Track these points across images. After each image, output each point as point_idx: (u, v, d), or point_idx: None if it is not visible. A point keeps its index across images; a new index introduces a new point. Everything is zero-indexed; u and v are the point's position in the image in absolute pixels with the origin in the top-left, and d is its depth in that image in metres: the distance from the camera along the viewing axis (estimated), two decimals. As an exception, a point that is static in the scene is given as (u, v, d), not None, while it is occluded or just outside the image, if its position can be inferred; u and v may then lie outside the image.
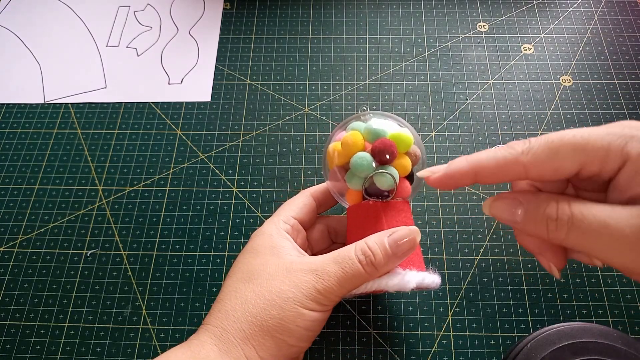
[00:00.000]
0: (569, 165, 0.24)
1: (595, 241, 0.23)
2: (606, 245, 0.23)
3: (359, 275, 0.30)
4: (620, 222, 0.22)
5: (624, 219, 0.22)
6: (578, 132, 0.24)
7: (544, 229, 0.25)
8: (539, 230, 0.25)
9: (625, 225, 0.22)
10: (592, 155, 0.24)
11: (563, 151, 0.24)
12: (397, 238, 0.31)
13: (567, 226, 0.24)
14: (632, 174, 0.23)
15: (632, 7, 0.56)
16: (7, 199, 0.47)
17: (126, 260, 0.44)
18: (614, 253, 0.23)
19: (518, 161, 0.25)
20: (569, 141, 0.24)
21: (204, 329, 0.31)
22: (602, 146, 0.23)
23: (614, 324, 0.39)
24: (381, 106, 0.51)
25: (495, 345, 0.39)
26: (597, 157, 0.23)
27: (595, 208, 0.23)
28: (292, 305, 0.30)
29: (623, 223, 0.22)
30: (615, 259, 0.23)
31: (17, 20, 0.59)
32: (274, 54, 0.55)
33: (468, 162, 0.27)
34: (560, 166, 0.24)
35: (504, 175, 0.26)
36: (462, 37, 0.55)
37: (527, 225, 0.26)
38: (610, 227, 0.22)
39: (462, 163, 0.27)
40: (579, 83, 0.51)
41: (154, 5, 0.59)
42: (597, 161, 0.24)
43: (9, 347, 0.41)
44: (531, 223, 0.25)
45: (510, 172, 0.26)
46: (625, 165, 0.23)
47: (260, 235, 0.34)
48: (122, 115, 0.52)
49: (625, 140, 0.23)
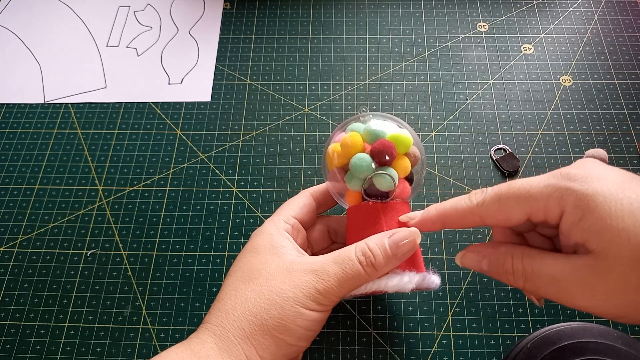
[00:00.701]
0: (515, 214, 0.27)
1: (547, 290, 0.26)
2: (557, 294, 0.26)
3: (359, 276, 0.30)
4: (565, 276, 0.25)
5: (567, 273, 0.25)
6: (522, 185, 0.27)
7: (505, 279, 0.28)
8: (502, 279, 0.29)
9: (569, 278, 0.25)
10: (534, 206, 0.26)
11: (510, 203, 0.27)
12: (398, 239, 0.31)
13: (522, 279, 0.27)
14: (569, 225, 0.25)
15: (632, 7, 0.56)
16: (7, 199, 0.47)
17: (126, 260, 0.44)
18: (565, 300, 0.26)
19: (474, 212, 0.29)
20: (514, 194, 0.27)
21: (204, 328, 0.31)
22: (542, 198, 0.26)
23: (614, 324, 0.39)
24: (381, 106, 0.51)
25: (495, 345, 0.39)
26: (538, 208, 0.26)
27: (545, 262, 0.26)
28: (292, 304, 0.30)
29: (567, 276, 0.25)
30: (568, 304, 0.26)
31: (17, 20, 0.59)
32: (274, 54, 0.55)
33: (437, 211, 0.31)
34: (508, 217, 0.27)
35: (465, 223, 0.30)
36: (462, 37, 0.55)
37: (493, 275, 0.29)
38: (558, 281, 0.25)
39: (432, 212, 0.31)
40: (579, 83, 0.51)
41: (154, 5, 0.59)
42: (540, 211, 0.26)
43: (9, 347, 0.41)
44: (495, 274, 0.29)
45: (469, 221, 0.29)
46: (563, 216, 0.25)
47: (260, 235, 0.34)
48: (122, 115, 0.52)
49: (560, 193, 0.25)
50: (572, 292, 0.25)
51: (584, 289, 0.25)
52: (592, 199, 0.24)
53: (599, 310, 0.25)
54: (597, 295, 0.24)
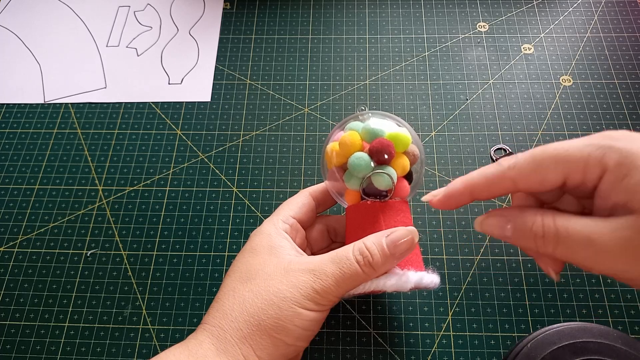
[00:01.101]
0: (552, 176, 0.25)
1: (581, 254, 0.24)
2: (591, 258, 0.24)
3: (357, 275, 0.30)
4: (602, 236, 0.23)
5: (606, 233, 0.23)
6: (560, 145, 0.25)
7: (532, 244, 0.26)
8: (529, 244, 0.26)
9: (607, 239, 0.23)
10: (573, 166, 0.25)
11: (545, 164, 0.25)
12: (395, 238, 0.31)
13: (553, 242, 0.25)
14: (610, 184, 0.24)
15: (632, 7, 0.56)
16: (7, 199, 0.47)
17: (126, 260, 0.44)
18: (600, 264, 0.24)
19: (506, 176, 0.27)
20: (551, 154, 0.25)
21: (202, 329, 0.31)
22: (582, 157, 0.24)
23: (614, 324, 0.39)
24: (381, 106, 0.51)
25: (495, 345, 0.39)
26: (577, 168, 0.25)
27: (579, 223, 0.24)
28: (289, 304, 0.30)
29: (605, 237, 0.23)
30: (602, 268, 0.24)
31: (17, 20, 0.59)
32: (274, 54, 0.55)
33: (463, 182, 0.29)
34: (544, 178, 0.26)
35: (496, 190, 0.28)
36: (462, 37, 0.55)
37: (517, 241, 0.27)
38: (594, 242, 0.23)
39: (458, 184, 0.29)
40: (579, 83, 0.51)
41: (154, 5, 0.59)
42: (579, 172, 0.25)
43: (9, 347, 0.41)
44: (520, 239, 0.27)
45: (501, 187, 0.27)
46: (605, 175, 0.24)
47: (259, 235, 0.34)
48: (122, 115, 0.52)
49: (603, 151, 0.24)
50: (612, 254, 0.23)
51: (625, 251, 0.23)
52: (637, 156, 0.23)
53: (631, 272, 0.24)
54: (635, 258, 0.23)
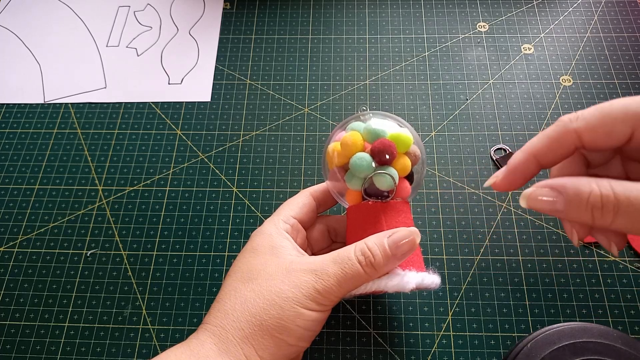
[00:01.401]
0: (620, 127, 0.24)
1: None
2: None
3: (359, 275, 0.30)
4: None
5: None
6: (629, 99, 0.23)
7: (589, 216, 0.23)
8: (584, 218, 0.23)
9: None
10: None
11: (614, 114, 0.24)
12: (397, 239, 0.31)
13: (613, 212, 0.22)
14: None
15: (632, 7, 0.56)
16: (7, 199, 0.47)
17: (126, 260, 0.44)
18: None
19: (569, 130, 0.25)
20: (621, 104, 0.23)
21: (203, 328, 0.31)
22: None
23: (614, 324, 0.39)
24: (381, 106, 0.51)
25: (495, 345, 0.39)
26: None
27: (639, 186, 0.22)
28: (291, 305, 0.30)
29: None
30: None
31: (17, 20, 0.59)
32: (274, 54, 0.55)
33: (524, 150, 0.27)
34: (612, 130, 0.24)
35: (561, 148, 0.25)
36: (462, 37, 0.55)
37: (570, 214, 0.24)
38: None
39: (519, 155, 0.27)
40: (579, 83, 0.51)
41: (154, 5, 0.59)
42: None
43: (9, 347, 0.41)
44: (574, 212, 0.24)
45: (566, 143, 0.25)
46: None
47: (260, 235, 0.34)
48: (122, 115, 0.52)
49: None
50: None
51: None
52: None
53: None
54: None
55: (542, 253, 0.43)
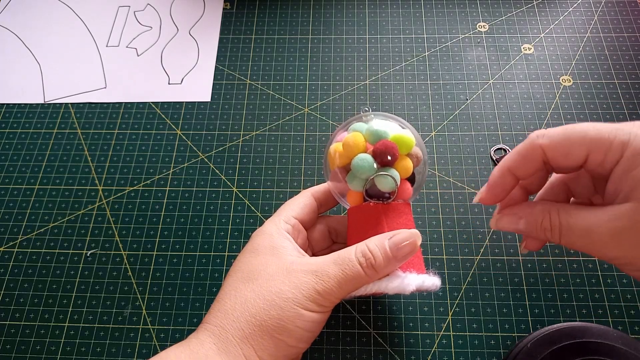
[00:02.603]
0: (577, 150, 0.27)
1: (582, 243, 0.27)
2: (589, 246, 0.27)
3: (359, 277, 0.30)
4: (599, 227, 0.26)
5: (602, 224, 0.26)
6: (592, 124, 0.27)
7: (542, 235, 0.29)
8: (539, 236, 0.29)
9: (603, 229, 0.26)
10: (598, 144, 0.26)
11: (573, 137, 0.27)
12: (398, 241, 0.31)
13: (559, 234, 0.28)
14: (623, 170, 0.26)
15: (632, 7, 0.56)
16: (7, 199, 0.47)
17: (126, 260, 0.44)
18: (597, 251, 0.27)
19: (535, 145, 0.28)
20: (581, 130, 0.27)
21: (203, 328, 0.31)
22: (609, 138, 0.26)
23: (614, 324, 0.39)
24: (381, 106, 0.51)
25: (495, 345, 0.39)
26: (602, 146, 0.26)
27: (580, 215, 0.27)
28: (291, 305, 0.30)
29: (602, 227, 0.26)
30: (599, 255, 0.27)
31: (17, 20, 0.59)
32: (274, 54, 0.55)
33: (500, 167, 0.30)
34: (570, 151, 0.27)
35: (530, 162, 0.29)
36: (462, 37, 0.55)
37: (529, 233, 0.30)
38: (592, 232, 0.26)
39: (496, 171, 0.31)
40: (579, 83, 0.51)
41: (154, 5, 0.59)
42: (601, 152, 0.26)
43: (9, 347, 0.41)
44: (532, 232, 0.30)
45: (533, 157, 0.29)
46: (620, 161, 0.26)
47: (260, 235, 0.34)
48: (122, 115, 0.52)
49: (629, 136, 0.25)
50: (603, 241, 0.26)
51: (616, 238, 0.26)
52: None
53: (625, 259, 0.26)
54: (628, 245, 0.25)
55: (542, 253, 0.43)
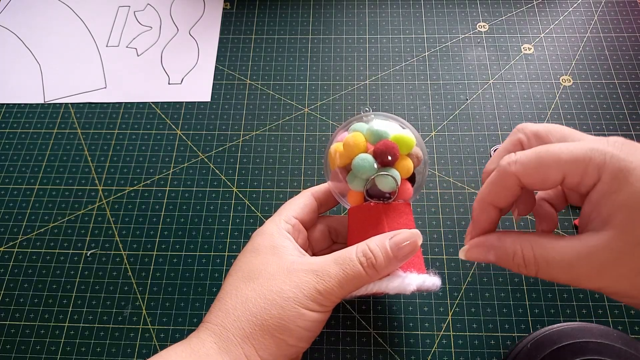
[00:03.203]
0: (553, 174, 0.26)
1: (562, 278, 0.26)
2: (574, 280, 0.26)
3: (360, 277, 0.30)
4: (580, 261, 0.25)
5: (583, 257, 0.24)
6: (565, 146, 0.25)
7: (516, 269, 0.28)
8: (513, 269, 0.28)
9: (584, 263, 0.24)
10: (573, 167, 0.25)
11: (547, 163, 0.26)
12: (399, 241, 0.31)
13: (534, 269, 0.27)
14: (600, 194, 0.24)
15: (632, 7, 0.56)
16: (7, 199, 0.47)
17: (126, 260, 0.44)
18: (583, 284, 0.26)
19: (509, 173, 0.27)
20: (554, 153, 0.25)
21: (204, 327, 0.31)
22: (583, 161, 0.25)
23: (614, 324, 0.39)
24: (381, 106, 0.51)
25: (495, 345, 0.39)
26: (577, 171, 0.25)
27: (557, 248, 0.26)
28: (292, 305, 0.30)
29: (583, 262, 0.24)
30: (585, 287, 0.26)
31: (17, 20, 0.59)
32: (274, 54, 0.55)
33: (478, 201, 0.29)
34: (545, 176, 0.26)
35: (507, 190, 0.28)
36: (462, 37, 0.55)
37: (501, 264, 0.29)
38: (573, 267, 0.25)
39: (476, 206, 0.30)
40: (579, 83, 0.51)
41: (154, 5, 0.59)
42: (577, 175, 0.25)
43: (9, 347, 0.41)
44: (504, 264, 0.28)
45: (509, 186, 0.27)
46: (597, 184, 0.25)
47: (261, 235, 0.34)
48: (122, 115, 0.52)
49: (604, 159, 0.24)
50: (587, 275, 0.25)
51: (599, 271, 0.24)
52: (634, 172, 0.23)
53: (611, 290, 0.25)
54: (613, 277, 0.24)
55: (542, 253, 0.43)
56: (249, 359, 0.29)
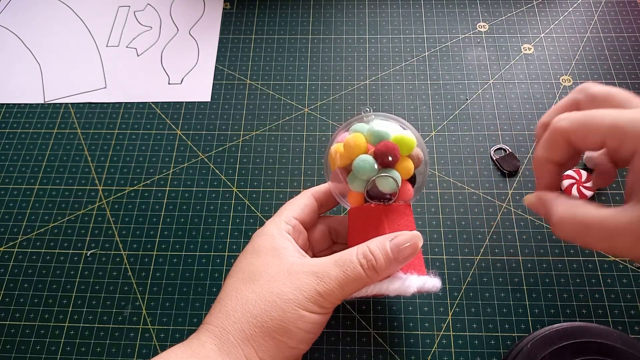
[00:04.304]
0: (593, 136, 0.27)
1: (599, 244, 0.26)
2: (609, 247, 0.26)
3: (360, 278, 0.30)
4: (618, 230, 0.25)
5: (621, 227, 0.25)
6: (612, 112, 0.27)
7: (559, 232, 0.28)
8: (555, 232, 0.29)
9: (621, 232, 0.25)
10: (611, 134, 0.26)
11: (591, 123, 0.27)
12: (399, 243, 0.31)
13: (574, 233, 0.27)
14: (636, 170, 0.25)
15: (632, 7, 0.56)
16: (7, 199, 0.47)
17: (126, 260, 0.44)
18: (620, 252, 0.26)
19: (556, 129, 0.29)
20: (600, 117, 0.27)
21: (204, 329, 0.31)
22: (623, 129, 0.25)
23: (614, 324, 0.39)
24: (381, 106, 0.51)
25: (495, 345, 0.39)
26: (615, 137, 0.26)
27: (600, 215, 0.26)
28: (292, 307, 0.30)
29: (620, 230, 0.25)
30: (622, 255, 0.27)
31: (17, 20, 0.59)
32: (274, 54, 0.55)
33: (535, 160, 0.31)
34: (587, 136, 0.27)
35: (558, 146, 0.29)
36: (462, 37, 0.55)
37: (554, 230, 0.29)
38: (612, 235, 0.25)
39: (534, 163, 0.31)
40: (579, 83, 0.51)
41: (154, 5, 0.59)
42: (616, 141, 0.26)
43: (9, 347, 0.41)
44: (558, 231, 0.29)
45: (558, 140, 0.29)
46: (635, 155, 0.25)
47: (261, 236, 0.34)
48: (122, 115, 0.52)
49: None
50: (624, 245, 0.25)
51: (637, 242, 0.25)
52: None
53: None
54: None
55: (542, 253, 0.43)
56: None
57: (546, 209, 0.30)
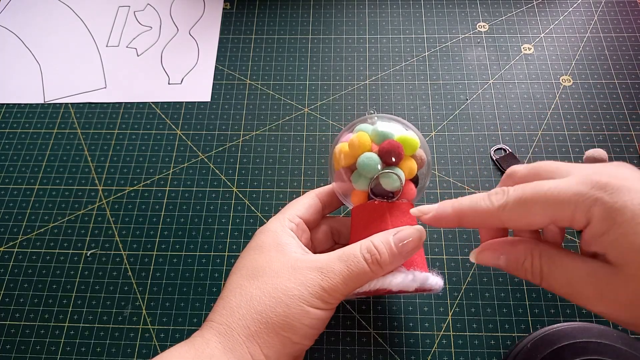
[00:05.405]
0: (539, 220, 0.26)
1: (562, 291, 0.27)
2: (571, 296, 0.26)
3: (364, 273, 0.30)
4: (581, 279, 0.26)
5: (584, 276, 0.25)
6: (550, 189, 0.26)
7: (523, 275, 0.28)
8: (520, 276, 0.29)
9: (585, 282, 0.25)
10: (560, 213, 0.25)
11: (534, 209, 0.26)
12: (403, 237, 0.31)
13: (539, 278, 0.28)
14: (592, 235, 0.25)
15: (632, 7, 0.56)
16: (7, 199, 0.47)
17: (126, 260, 0.44)
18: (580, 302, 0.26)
19: (493, 215, 0.27)
20: (539, 199, 0.26)
21: (208, 326, 0.31)
22: (570, 206, 0.25)
23: (614, 324, 0.39)
24: (381, 106, 0.51)
25: (495, 345, 0.39)
26: (565, 215, 0.25)
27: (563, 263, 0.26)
28: (297, 303, 0.30)
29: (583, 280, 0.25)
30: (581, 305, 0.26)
31: (17, 20, 0.59)
32: (274, 54, 0.55)
33: (453, 208, 0.29)
34: (531, 221, 0.26)
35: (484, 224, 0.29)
36: (462, 37, 0.55)
37: (510, 271, 0.29)
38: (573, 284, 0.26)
39: (448, 209, 0.29)
40: (579, 83, 0.51)
41: (154, 5, 0.59)
42: (566, 218, 0.25)
43: (9, 347, 0.41)
44: (513, 270, 0.29)
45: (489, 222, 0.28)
46: (588, 227, 0.25)
47: (265, 232, 0.34)
48: (122, 115, 0.52)
49: (589, 203, 0.24)
50: (586, 296, 0.25)
51: (597, 295, 0.25)
52: (620, 213, 0.23)
53: (609, 317, 0.26)
54: (610, 304, 0.25)
55: (542, 253, 0.43)
56: (254, 357, 0.29)
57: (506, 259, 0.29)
